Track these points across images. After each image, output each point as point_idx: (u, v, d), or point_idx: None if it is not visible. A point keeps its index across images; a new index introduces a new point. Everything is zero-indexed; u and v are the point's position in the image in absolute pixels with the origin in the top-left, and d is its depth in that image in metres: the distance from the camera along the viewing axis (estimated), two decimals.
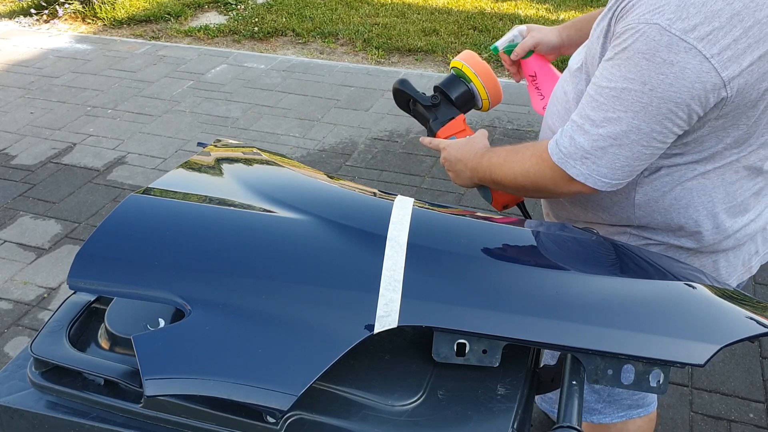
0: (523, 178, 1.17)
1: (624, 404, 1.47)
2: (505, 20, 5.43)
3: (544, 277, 0.95)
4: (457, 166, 1.33)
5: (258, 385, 0.83)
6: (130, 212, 0.97)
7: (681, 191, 1.14)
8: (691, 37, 0.94)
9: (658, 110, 1.00)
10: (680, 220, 1.17)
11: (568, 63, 1.29)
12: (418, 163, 3.56)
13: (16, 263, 2.88)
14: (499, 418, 0.89)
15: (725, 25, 0.94)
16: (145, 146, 3.77)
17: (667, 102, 0.99)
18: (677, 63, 0.96)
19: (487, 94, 1.43)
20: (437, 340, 0.93)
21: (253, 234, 0.96)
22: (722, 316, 0.93)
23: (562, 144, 1.10)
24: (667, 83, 0.97)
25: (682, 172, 1.13)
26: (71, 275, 0.89)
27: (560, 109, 1.25)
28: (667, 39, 0.95)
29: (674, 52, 0.95)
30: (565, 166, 1.09)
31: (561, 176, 1.11)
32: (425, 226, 1.01)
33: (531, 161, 1.16)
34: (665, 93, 0.98)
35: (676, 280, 1.00)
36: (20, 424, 0.95)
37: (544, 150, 1.13)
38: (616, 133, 1.04)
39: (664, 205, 1.16)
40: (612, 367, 0.91)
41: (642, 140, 1.03)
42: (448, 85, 1.46)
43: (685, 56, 0.95)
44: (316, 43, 5.19)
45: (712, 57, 0.95)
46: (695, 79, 0.96)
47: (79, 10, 5.69)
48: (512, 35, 1.51)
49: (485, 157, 1.26)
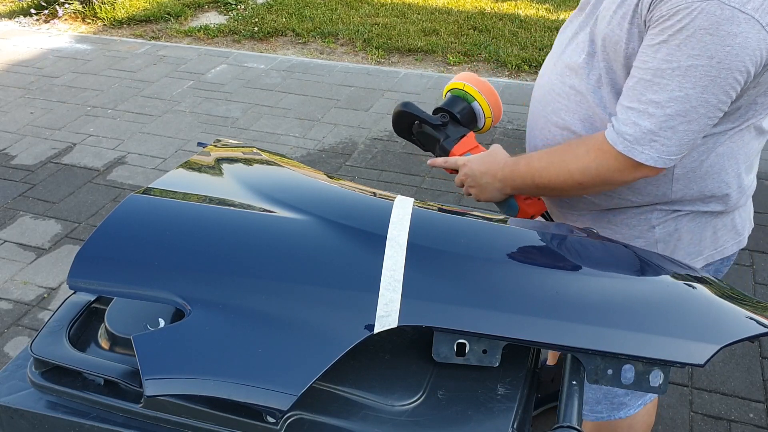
0: (582, 174, 1.19)
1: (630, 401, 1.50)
2: (505, 20, 5.43)
3: (544, 277, 0.95)
4: (482, 180, 1.33)
5: (258, 385, 0.83)
6: (130, 212, 0.97)
7: (715, 158, 1.20)
8: (749, 9, 1.01)
9: (725, 81, 1.05)
10: (714, 186, 1.23)
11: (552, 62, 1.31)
12: (418, 163, 3.56)
13: (16, 263, 2.88)
14: (499, 418, 0.89)
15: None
16: (145, 146, 3.77)
17: (733, 71, 1.04)
18: (740, 34, 1.02)
19: (491, 111, 1.43)
20: (437, 340, 0.93)
21: (253, 234, 0.96)
22: (722, 316, 0.93)
23: (625, 132, 1.12)
24: (733, 54, 1.03)
25: (716, 139, 1.18)
26: (71, 275, 0.89)
27: (572, 105, 1.25)
28: (729, 12, 1.01)
29: (736, 24, 1.01)
30: (633, 153, 1.12)
31: (627, 164, 1.14)
32: (425, 226, 1.01)
33: (589, 157, 1.17)
34: (732, 63, 1.03)
35: (676, 280, 1.00)
36: (20, 424, 0.95)
37: (603, 142, 1.15)
38: (685, 110, 1.07)
39: (701, 174, 1.21)
40: (612, 367, 0.91)
41: (709, 112, 1.08)
42: (451, 105, 1.44)
43: (746, 27, 1.01)
44: (316, 43, 5.19)
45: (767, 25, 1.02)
46: (756, 47, 1.03)
47: (79, 10, 5.69)
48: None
49: (520, 165, 1.27)
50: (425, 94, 4.30)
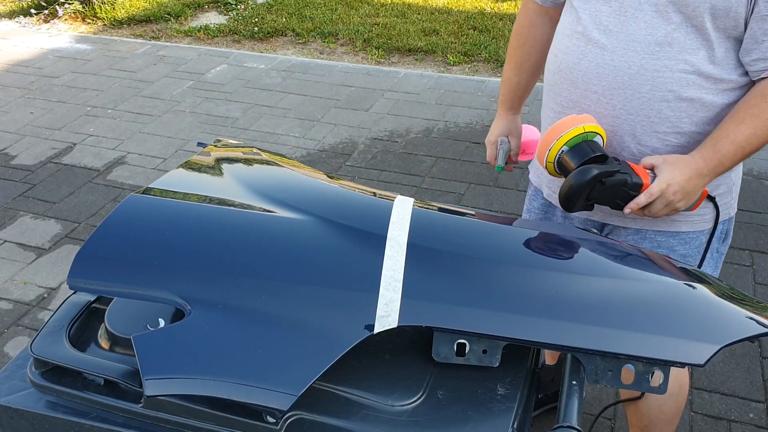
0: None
1: None
2: (505, 20, 5.43)
3: (544, 277, 0.95)
4: (690, 185, 1.27)
5: (258, 385, 0.83)
6: (130, 212, 0.97)
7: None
8: None
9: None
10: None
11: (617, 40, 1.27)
12: (418, 163, 3.56)
13: (16, 263, 2.88)
14: (499, 418, 0.89)
15: None
16: (145, 146, 3.77)
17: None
18: None
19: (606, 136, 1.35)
20: (437, 340, 0.93)
21: (253, 234, 0.96)
22: (722, 316, 0.93)
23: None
24: None
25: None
26: (71, 275, 0.89)
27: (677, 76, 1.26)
28: None
29: None
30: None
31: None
32: (425, 226, 1.01)
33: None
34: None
35: (675, 280, 1.00)
36: (20, 424, 0.95)
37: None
38: None
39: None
40: (612, 367, 0.91)
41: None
42: (589, 150, 1.30)
43: None
44: (316, 43, 5.19)
45: None
46: None
47: (79, 10, 5.69)
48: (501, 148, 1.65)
49: (724, 147, 1.26)
50: (425, 94, 4.30)
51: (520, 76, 1.63)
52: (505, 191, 3.29)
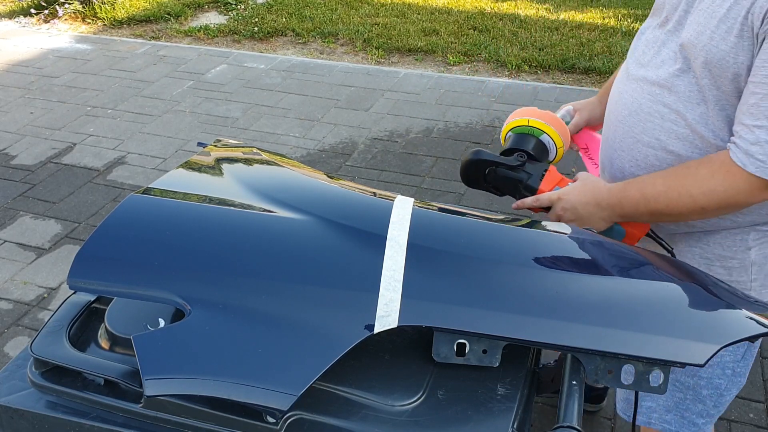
0: (706, 198, 1.13)
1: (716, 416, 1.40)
2: (505, 20, 5.43)
3: (544, 277, 0.95)
4: (585, 210, 1.28)
5: (258, 385, 0.83)
6: (130, 212, 0.97)
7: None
8: None
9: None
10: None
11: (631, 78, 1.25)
12: (418, 163, 3.56)
13: (16, 263, 2.88)
14: (499, 418, 0.89)
15: None
16: (145, 146, 3.77)
17: None
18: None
19: (562, 141, 1.39)
20: (437, 340, 0.93)
21: (253, 234, 0.96)
22: (722, 316, 0.93)
23: (756, 153, 1.07)
24: None
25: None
26: (71, 275, 0.89)
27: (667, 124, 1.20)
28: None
29: None
30: (766, 174, 1.07)
31: (759, 185, 1.09)
32: (425, 226, 1.01)
33: (715, 180, 1.12)
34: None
35: (676, 280, 1.00)
36: (20, 424, 0.95)
37: (731, 164, 1.10)
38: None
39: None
40: (612, 367, 0.91)
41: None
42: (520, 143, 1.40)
43: None
44: (316, 43, 5.19)
45: None
46: None
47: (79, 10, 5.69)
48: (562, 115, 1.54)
49: (631, 192, 1.22)
50: (425, 94, 4.30)
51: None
52: None
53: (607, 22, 5.35)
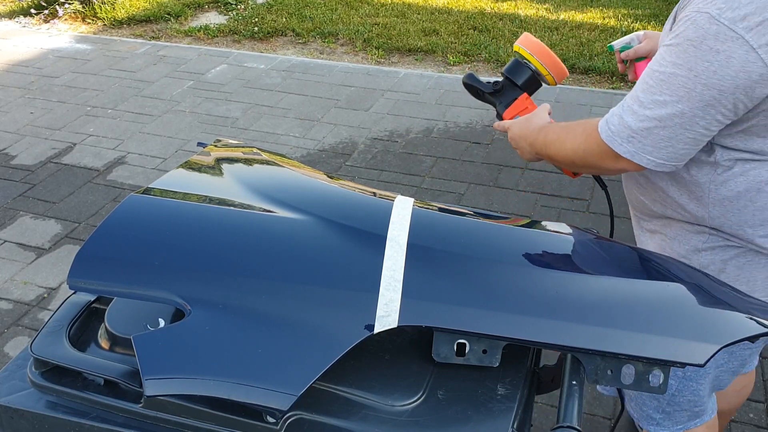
0: (573, 154, 1.22)
1: (683, 417, 1.43)
2: (505, 20, 5.43)
3: (544, 277, 0.95)
4: (519, 144, 1.38)
5: (258, 385, 0.83)
6: (130, 212, 0.97)
7: (756, 193, 1.14)
8: (740, 27, 0.97)
9: (701, 97, 1.03)
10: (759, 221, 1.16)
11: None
12: (418, 163, 3.56)
13: (16, 263, 2.88)
14: (499, 418, 0.89)
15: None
16: (145, 146, 3.77)
17: (711, 89, 1.02)
18: (723, 51, 0.99)
19: (547, 70, 1.46)
20: (437, 340, 0.93)
21: (253, 234, 0.96)
22: (722, 316, 0.93)
23: (611, 123, 1.14)
24: (711, 71, 1.00)
25: (757, 172, 1.13)
26: (71, 275, 0.89)
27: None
28: (716, 28, 0.98)
29: (721, 41, 0.98)
30: (613, 144, 1.13)
31: (608, 153, 1.15)
32: (425, 226, 1.01)
33: (581, 138, 1.20)
34: (709, 80, 1.01)
35: (676, 281, 1.00)
36: (20, 424, 0.95)
37: (595, 128, 1.17)
38: (661, 115, 1.07)
39: (739, 205, 1.16)
40: (612, 367, 0.91)
41: (685, 124, 1.06)
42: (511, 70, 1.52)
43: (732, 45, 0.98)
44: (316, 43, 5.19)
45: (760, 48, 0.97)
46: (740, 69, 0.99)
47: (79, 10, 5.69)
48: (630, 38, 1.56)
49: (541, 134, 1.31)
50: (425, 94, 4.30)
51: None
52: (505, 191, 3.29)
53: (607, 22, 5.35)
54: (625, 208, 3.13)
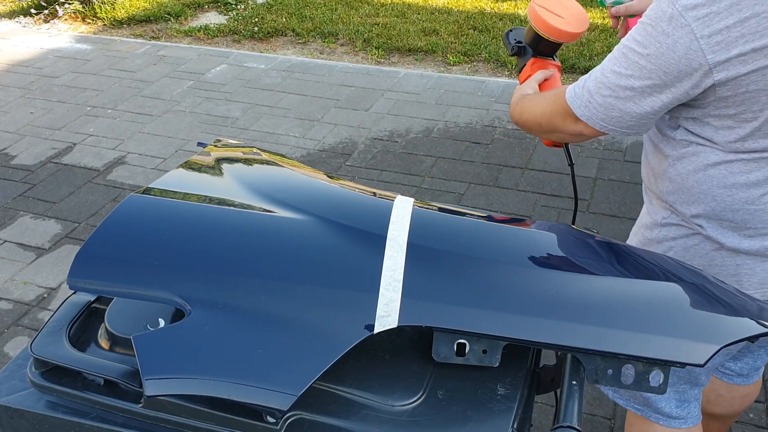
0: (542, 116, 1.28)
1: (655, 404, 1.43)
2: (505, 20, 5.43)
3: (544, 277, 0.95)
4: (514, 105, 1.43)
5: (258, 385, 0.83)
6: (130, 212, 0.97)
7: (703, 176, 1.17)
8: (689, 15, 1.01)
9: (649, 75, 1.07)
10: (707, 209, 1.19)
11: None
12: (418, 163, 3.56)
13: (16, 263, 2.88)
14: (499, 418, 0.89)
15: (723, 11, 0.99)
16: (145, 146, 3.77)
17: (658, 70, 1.06)
18: (671, 35, 1.03)
19: (544, 33, 1.48)
20: (437, 340, 0.93)
21: (253, 234, 0.96)
22: (722, 316, 0.93)
23: (577, 86, 1.19)
24: (660, 52, 1.05)
25: (706, 155, 1.16)
26: (71, 275, 0.89)
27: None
28: (671, 11, 1.02)
29: (672, 26, 1.02)
30: (573, 106, 1.18)
31: (569, 114, 1.20)
32: (425, 226, 1.01)
33: (550, 100, 1.26)
34: (657, 61, 1.06)
35: (676, 281, 1.00)
36: (20, 424, 0.95)
37: (563, 91, 1.23)
38: (615, 84, 1.12)
39: (687, 186, 1.20)
40: (612, 367, 0.91)
41: (634, 98, 1.11)
42: (521, 32, 1.55)
43: (680, 32, 1.02)
44: (316, 43, 5.19)
45: (702, 38, 1.01)
46: (683, 55, 1.03)
47: (79, 10, 5.69)
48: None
49: (519, 102, 1.37)
50: (425, 94, 4.30)
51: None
52: (505, 191, 3.29)
53: (607, 22, 5.35)
54: (625, 208, 3.13)
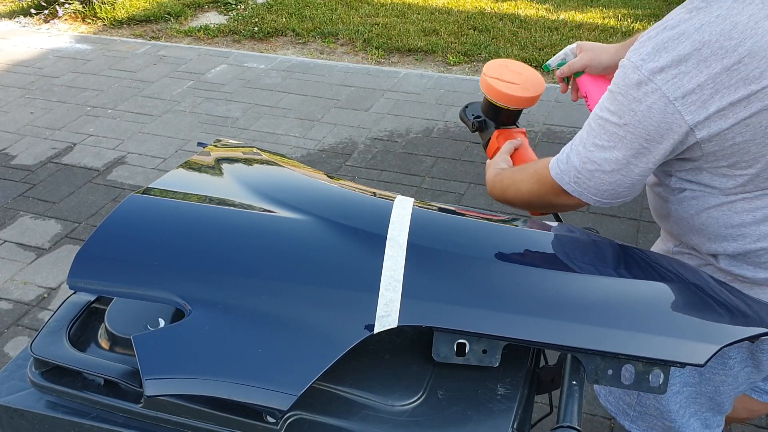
0: (530, 195, 1.24)
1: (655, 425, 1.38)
2: (505, 20, 5.43)
3: (544, 277, 0.95)
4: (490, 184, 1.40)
5: (258, 385, 0.83)
6: (130, 212, 0.97)
7: (706, 218, 1.12)
8: (658, 79, 0.97)
9: (632, 145, 1.04)
10: (716, 246, 1.14)
11: None
12: (418, 163, 3.56)
13: (16, 263, 2.88)
14: (499, 418, 0.89)
15: (691, 70, 0.95)
16: (145, 146, 3.77)
17: (639, 138, 1.02)
18: (644, 101, 0.99)
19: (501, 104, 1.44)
20: (437, 340, 0.93)
21: (253, 234, 0.96)
22: (722, 316, 0.93)
23: (560, 161, 1.15)
24: (636, 120, 1.01)
25: (705, 199, 1.11)
26: (71, 275, 0.89)
27: None
28: (637, 77, 0.99)
29: (642, 92, 0.99)
30: (562, 183, 1.15)
31: (560, 190, 1.16)
32: (425, 226, 1.01)
33: (533, 179, 1.22)
34: (636, 129, 1.02)
35: (676, 281, 1.00)
36: (20, 424, 0.95)
37: (546, 168, 1.18)
38: (600, 159, 1.08)
39: (694, 227, 1.15)
40: (612, 367, 0.91)
41: (621, 170, 1.07)
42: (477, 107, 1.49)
43: (652, 97, 0.98)
44: (316, 43, 5.19)
45: (676, 100, 0.97)
46: (661, 120, 0.99)
47: (79, 10, 5.69)
48: (564, 53, 1.50)
49: (497, 180, 1.33)
50: (425, 94, 4.30)
51: None
52: None
53: (607, 22, 5.35)
54: (626, 208, 3.13)
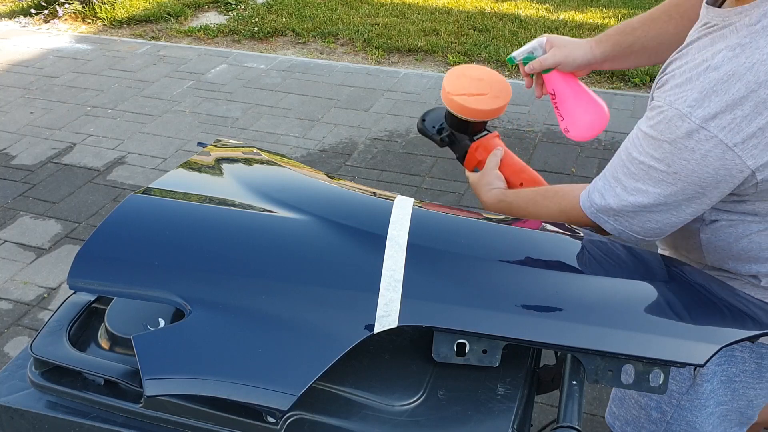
0: (558, 219, 1.18)
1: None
2: (505, 20, 5.43)
3: (544, 277, 0.95)
4: (475, 188, 1.38)
5: (258, 385, 0.83)
6: (130, 212, 0.97)
7: (747, 243, 1.09)
8: (712, 126, 0.92)
9: (684, 191, 0.99)
10: (756, 268, 1.12)
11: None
12: (418, 163, 3.56)
13: (16, 263, 2.88)
14: (499, 418, 0.89)
15: (749, 113, 0.91)
16: (145, 146, 3.77)
17: (692, 185, 0.98)
18: (698, 150, 0.94)
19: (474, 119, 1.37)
20: (437, 340, 0.93)
21: (253, 234, 0.96)
22: (722, 316, 0.93)
23: (594, 200, 1.11)
24: (690, 169, 0.96)
25: (746, 226, 1.08)
26: (71, 275, 0.89)
27: None
28: (687, 126, 0.94)
29: (695, 140, 0.94)
30: (599, 221, 1.11)
31: (596, 226, 1.13)
32: (425, 226, 1.01)
33: (558, 210, 1.17)
34: (689, 178, 0.97)
35: (676, 280, 1.00)
36: (20, 424, 0.95)
37: (576, 203, 1.14)
38: (645, 203, 1.04)
39: (732, 254, 1.12)
40: (612, 367, 0.91)
41: (671, 210, 1.03)
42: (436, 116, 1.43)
43: (707, 144, 0.93)
44: (316, 43, 5.19)
45: (736, 146, 0.92)
46: (719, 167, 0.95)
47: (79, 10, 5.69)
48: (531, 47, 1.36)
49: (502, 207, 1.27)
50: (425, 94, 4.30)
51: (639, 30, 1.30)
52: None
53: (607, 22, 5.35)
54: None
